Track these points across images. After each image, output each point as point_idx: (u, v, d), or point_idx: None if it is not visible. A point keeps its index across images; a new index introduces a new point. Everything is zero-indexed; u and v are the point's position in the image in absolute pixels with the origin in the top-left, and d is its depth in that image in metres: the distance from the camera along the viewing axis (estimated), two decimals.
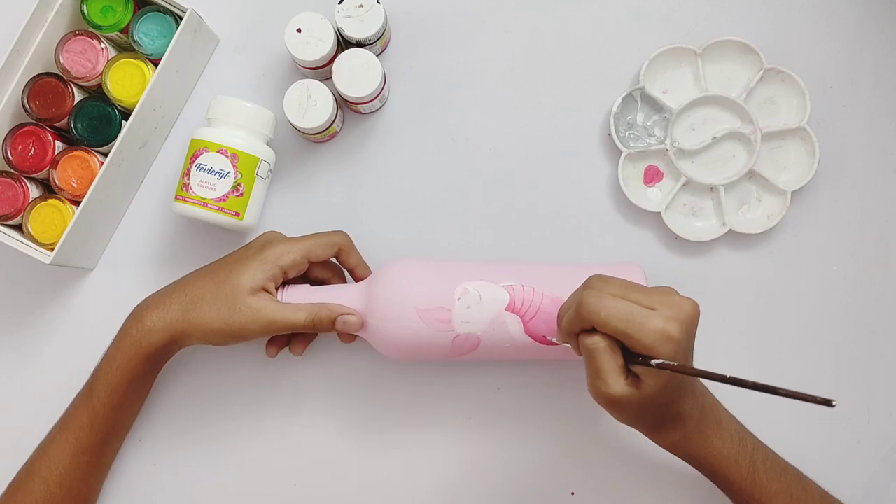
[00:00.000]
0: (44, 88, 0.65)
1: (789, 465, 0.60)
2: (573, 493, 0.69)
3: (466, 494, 0.69)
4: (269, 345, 0.67)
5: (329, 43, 0.65)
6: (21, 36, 0.63)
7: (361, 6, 0.65)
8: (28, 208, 0.65)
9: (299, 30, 0.65)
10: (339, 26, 0.65)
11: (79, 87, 0.67)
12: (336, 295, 0.63)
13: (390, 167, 0.71)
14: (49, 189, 0.67)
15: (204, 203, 0.63)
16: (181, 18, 0.65)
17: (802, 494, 0.59)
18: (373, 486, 0.69)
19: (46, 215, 0.65)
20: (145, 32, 0.66)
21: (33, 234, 0.65)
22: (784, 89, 0.69)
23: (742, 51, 0.69)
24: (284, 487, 0.69)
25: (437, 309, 0.60)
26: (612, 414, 0.54)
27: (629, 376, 0.53)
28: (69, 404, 0.64)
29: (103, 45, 0.66)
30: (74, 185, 0.65)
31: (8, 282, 0.71)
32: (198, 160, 0.63)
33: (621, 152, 0.69)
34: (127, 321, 0.63)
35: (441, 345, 0.61)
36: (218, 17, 0.70)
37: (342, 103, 0.69)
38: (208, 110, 0.65)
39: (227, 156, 0.63)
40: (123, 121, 0.66)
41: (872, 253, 0.70)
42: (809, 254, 0.70)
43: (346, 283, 0.67)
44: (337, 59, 0.65)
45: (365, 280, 0.64)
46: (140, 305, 0.63)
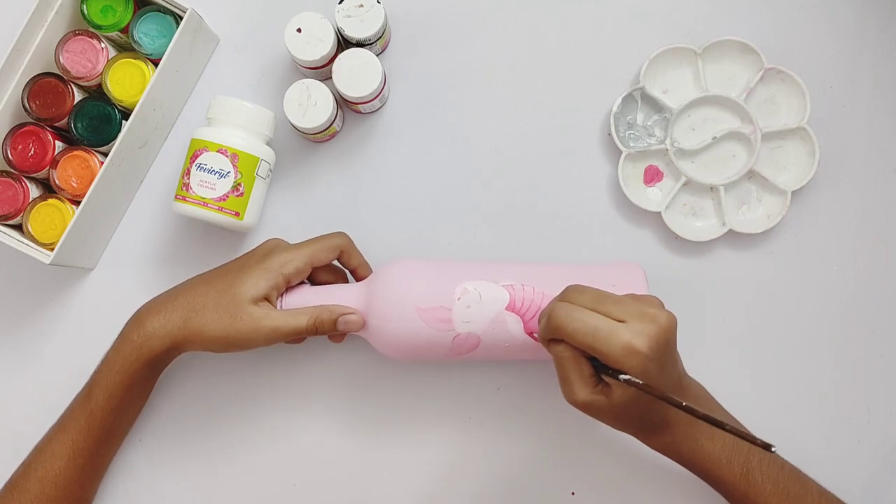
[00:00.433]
0: (44, 88, 0.65)
1: (787, 464, 0.60)
2: (573, 493, 0.69)
3: (466, 494, 0.69)
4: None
5: (329, 43, 0.65)
6: (21, 36, 0.63)
7: (361, 6, 0.65)
8: (28, 208, 0.65)
9: (299, 30, 0.65)
10: (339, 26, 0.65)
11: (79, 87, 0.67)
12: (336, 295, 0.62)
13: (390, 167, 0.71)
14: (49, 189, 0.67)
15: (204, 203, 0.63)
16: (181, 18, 0.65)
17: (801, 492, 0.59)
18: (373, 486, 0.69)
19: (46, 215, 0.65)
20: (145, 32, 0.66)
21: (33, 234, 0.65)
22: (784, 89, 0.69)
23: (742, 51, 0.69)
24: (284, 487, 0.69)
25: (438, 308, 0.60)
26: (593, 417, 0.55)
27: (599, 384, 0.54)
28: (67, 406, 0.64)
29: (103, 45, 0.66)
30: (74, 185, 0.65)
31: (8, 282, 0.71)
32: (198, 160, 0.63)
33: (621, 152, 0.69)
34: (127, 325, 0.63)
35: (441, 344, 0.61)
36: (218, 17, 0.70)
37: (342, 103, 0.69)
38: (208, 110, 0.65)
39: (227, 156, 0.63)
40: (123, 121, 0.66)
41: (872, 253, 0.70)
42: (809, 254, 0.70)
43: (347, 283, 0.67)
44: (337, 59, 0.65)
45: (365, 280, 0.64)
46: (141, 310, 0.63)
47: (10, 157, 0.65)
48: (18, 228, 0.67)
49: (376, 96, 0.67)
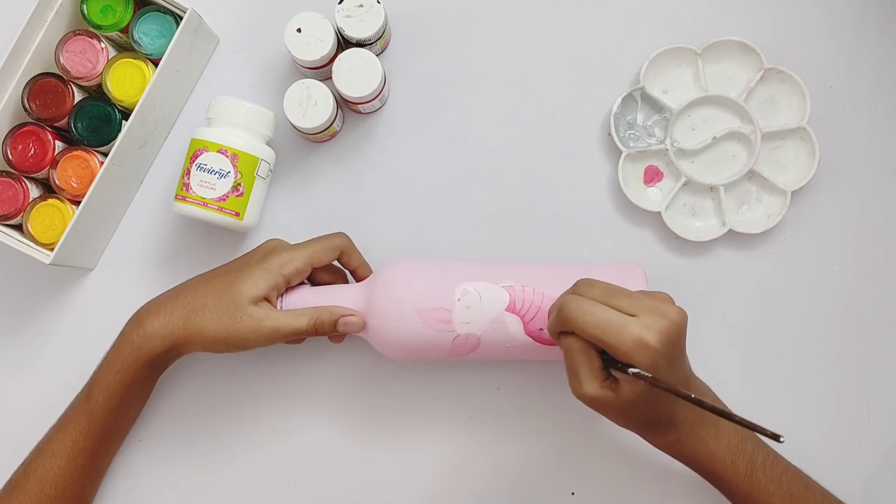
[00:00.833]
0: (44, 88, 0.65)
1: (791, 466, 0.60)
2: (573, 493, 0.69)
3: (466, 494, 0.69)
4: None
5: (329, 43, 0.65)
6: (21, 36, 0.63)
7: (361, 6, 0.65)
8: (28, 208, 0.65)
9: (299, 30, 0.65)
10: (339, 26, 0.65)
11: (79, 87, 0.67)
12: (336, 296, 0.62)
13: (390, 167, 0.71)
14: (49, 189, 0.67)
15: (204, 203, 0.63)
16: (181, 18, 0.65)
17: (804, 493, 0.59)
18: (373, 486, 0.69)
19: (46, 215, 0.65)
20: (145, 32, 0.66)
21: (33, 234, 0.65)
22: (784, 89, 0.69)
23: (742, 51, 0.69)
24: (284, 487, 0.69)
25: (438, 309, 0.60)
26: (599, 412, 0.55)
27: (608, 379, 0.53)
28: (67, 406, 0.64)
29: (103, 45, 0.66)
30: (74, 185, 0.65)
31: (8, 282, 0.71)
32: (198, 160, 0.63)
33: (621, 152, 0.69)
34: (127, 325, 0.63)
35: (441, 345, 0.61)
36: (218, 17, 0.70)
37: (342, 103, 0.69)
38: (208, 110, 0.65)
39: (227, 156, 0.63)
40: (123, 121, 0.66)
41: (872, 253, 0.70)
42: (809, 254, 0.70)
43: (347, 284, 0.67)
44: (337, 59, 0.65)
45: (365, 280, 0.64)
46: (141, 310, 0.63)
47: (10, 157, 0.65)
48: (18, 228, 0.67)
49: (376, 96, 0.67)
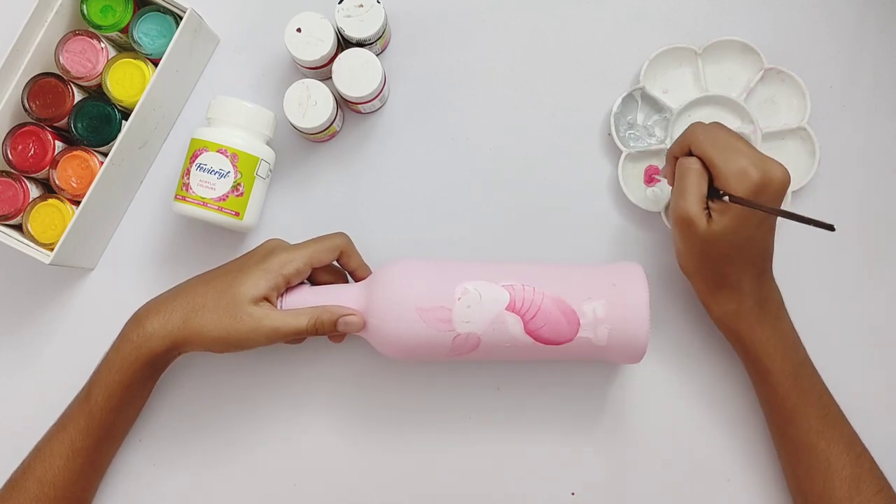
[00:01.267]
0: (44, 88, 0.65)
1: (834, 401, 0.63)
2: (573, 493, 0.69)
3: (466, 494, 0.69)
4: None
5: (329, 43, 0.65)
6: (21, 36, 0.63)
7: (361, 6, 0.65)
8: (28, 208, 0.65)
9: (299, 30, 0.65)
10: (339, 26, 0.65)
11: (79, 87, 0.67)
12: (336, 296, 0.62)
13: (390, 167, 0.71)
14: (49, 189, 0.67)
15: (204, 203, 0.63)
16: (181, 18, 0.65)
17: (841, 419, 0.62)
18: (373, 486, 0.69)
19: (46, 215, 0.65)
20: (145, 32, 0.66)
21: (33, 234, 0.65)
22: (784, 89, 0.69)
23: (742, 51, 0.69)
24: (284, 488, 0.69)
25: (438, 308, 0.60)
26: (684, 239, 0.59)
27: (706, 209, 0.58)
28: (67, 406, 0.64)
29: (103, 45, 0.66)
30: (74, 185, 0.65)
31: (8, 282, 0.71)
32: (198, 160, 0.63)
33: (621, 152, 0.69)
34: (127, 325, 0.63)
35: (441, 344, 0.61)
36: (218, 17, 0.70)
37: (342, 103, 0.69)
38: (208, 110, 0.65)
39: (227, 156, 0.63)
40: (123, 121, 0.66)
41: (872, 253, 0.70)
42: (809, 253, 0.70)
43: (347, 284, 0.67)
44: (337, 59, 0.65)
45: (365, 280, 0.64)
46: (141, 310, 0.63)
47: (10, 157, 0.65)
48: (18, 228, 0.67)
49: (376, 96, 0.67)
